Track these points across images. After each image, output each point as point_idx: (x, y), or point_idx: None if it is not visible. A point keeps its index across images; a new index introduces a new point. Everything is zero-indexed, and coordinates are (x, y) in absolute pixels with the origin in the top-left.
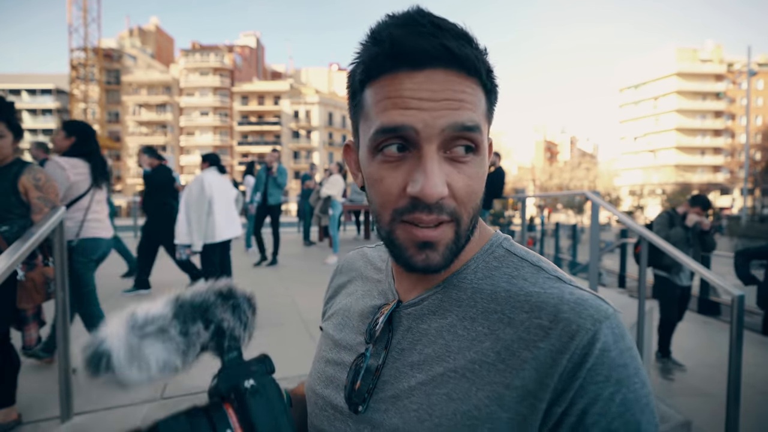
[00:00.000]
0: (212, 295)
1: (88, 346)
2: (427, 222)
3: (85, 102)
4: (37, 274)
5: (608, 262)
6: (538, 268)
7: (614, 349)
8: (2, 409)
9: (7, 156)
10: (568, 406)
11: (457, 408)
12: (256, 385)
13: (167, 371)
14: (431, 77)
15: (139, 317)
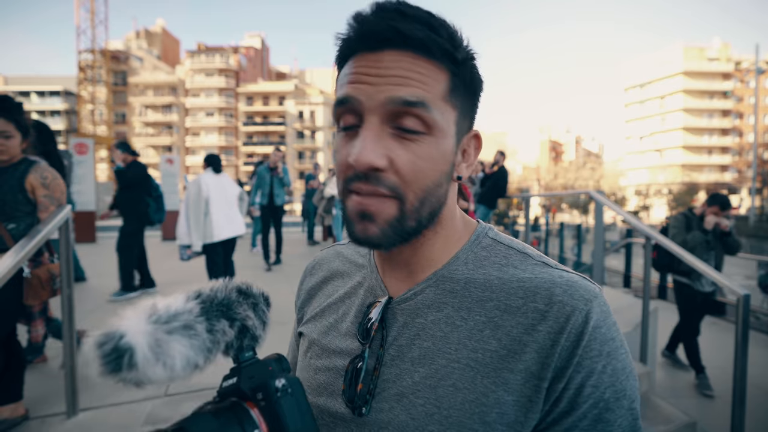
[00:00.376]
0: (234, 293)
1: (104, 341)
2: (365, 191)
3: (93, 103)
4: (43, 271)
5: (613, 262)
6: (525, 255)
7: (603, 324)
8: (10, 405)
9: (15, 155)
10: (567, 381)
11: (465, 397)
12: (287, 384)
13: (189, 370)
14: (384, 57)
15: (162, 312)
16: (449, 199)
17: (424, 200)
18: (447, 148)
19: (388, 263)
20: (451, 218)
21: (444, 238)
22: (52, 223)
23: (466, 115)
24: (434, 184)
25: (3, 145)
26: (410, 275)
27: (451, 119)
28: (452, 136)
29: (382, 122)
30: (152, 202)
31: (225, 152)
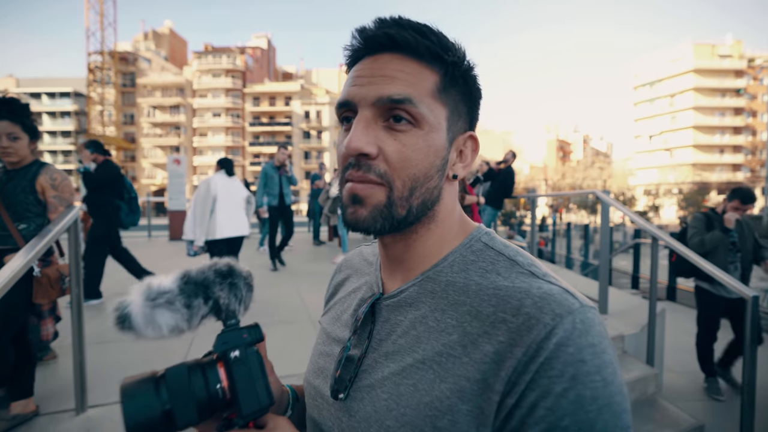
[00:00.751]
0: (212, 274)
1: (116, 308)
2: (356, 178)
3: (102, 104)
4: (52, 271)
5: (622, 262)
6: (513, 263)
7: (572, 344)
8: (21, 401)
9: (24, 157)
10: (519, 398)
11: (421, 399)
12: (239, 356)
13: (176, 332)
14: (378, 60)
15: (152, 290)
16: (446, 196)
17: (413, 189)
18: (436, 142)
19: (387, 261)
20: (448, 217)
21: (439, 236)
22: (62, 223)
23: (461, 116)
24: (422, 174)
25: (11, 147)
26: (405, 273)
27: (441, 115)
28: (443, 131)
29: (374, 116)
30: (124, 205)
31: (232, 152)
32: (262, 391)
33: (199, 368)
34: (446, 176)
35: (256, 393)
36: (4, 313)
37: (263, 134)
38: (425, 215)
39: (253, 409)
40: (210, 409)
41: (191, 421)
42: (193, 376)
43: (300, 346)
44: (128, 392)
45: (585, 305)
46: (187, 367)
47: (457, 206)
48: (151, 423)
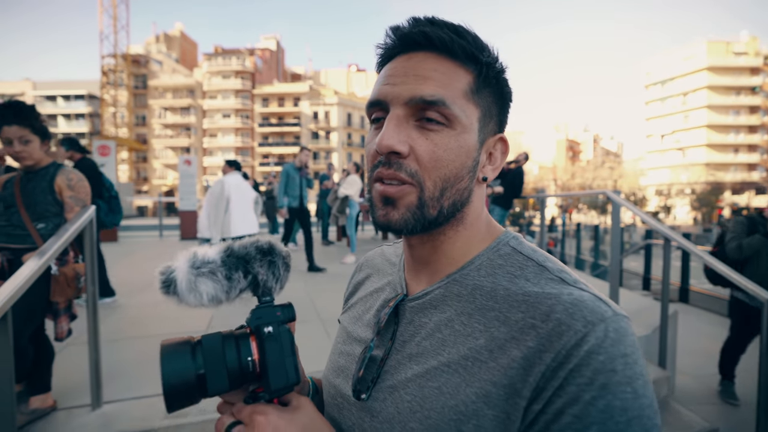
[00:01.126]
0: (254, 250)
1: (163, 272)
2: (386, 176)
3: (115, 106)
4: (68, 269)
5: (633, 263)
6: (542, 268)
7: (604, 353)
8: (40, 395)
9: (39, 159)
10: (545, 404)
11: (446, 402)
12: (272, 332)
13: (215, 302)
14: (413, 58)
15: (197, 258)
16: (475, 199)
17: (443, 190)
18: (468, 143)
19: (412, 262)
20: (476, 220)
21: (466, 239)
22: (78, 223)
23: (492, 118)
24: (453, 175)
25: (24, 150)
26: (430, 275)
27: (473, 116)
28: (474, 132)
29: (406, 115)
30: (103, 204)
31: (241, 153)
32: (291, 369)
33: (232, 339)
34: (476, 178)
35: (285, 370)
36: (23, 310)
37: (272, 135)
38: (454, 217)
39: (280, 385)
40: (240, 380)
41: (222, 388)
42: (226, 345)
43: (308, 345)
44: (167, 354)
45: (618, 314)
46: (222, 336)
47: (484, 209)
48: (186, 385)
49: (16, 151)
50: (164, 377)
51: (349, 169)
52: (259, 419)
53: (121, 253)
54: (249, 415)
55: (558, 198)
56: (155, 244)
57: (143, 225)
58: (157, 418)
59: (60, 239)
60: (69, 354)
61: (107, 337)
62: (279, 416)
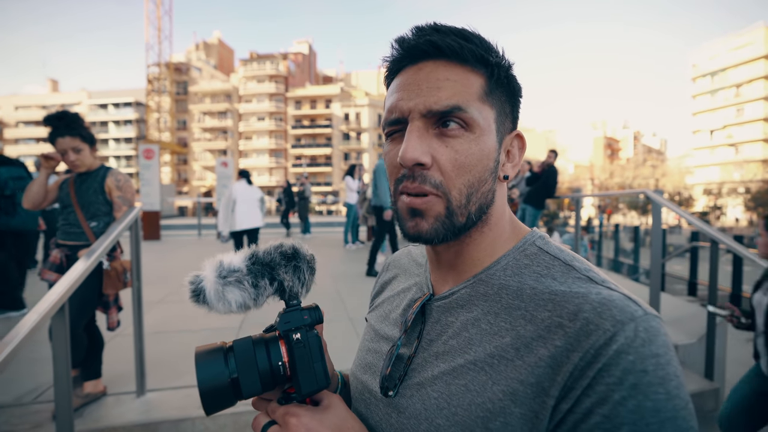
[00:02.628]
0: (278, 256)
1: (192, 281)
2: (411, 189)
3: (158, 112)
4: (117, 264)
5: (677, 267)
6: (570, 267)
7: (633, 353)
8: (92, 381)
9: (90, 165)
10: (574, 403)
11: (473, 399)
12: (301, 339)
13: (243, 309)
14: (423, 68)
15: (223, 267)
16: (498, 199)
17: (469, 196)
18: (488, 145)
19: (437, 263)
20: (499, 220)
21: (491, 239)
22: (125, 222)
23: (507, 116)
24: (477, 179)
25: (77, 159)
26: (456, 275)
27: (490, 117)
28: (493, 133)
29: (425, 125)
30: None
31: (275, 155)
32: (320, 374)
33: (262, 343)
34: (498, 178)
35: (315, 375)
36: (78, 302)
37: (304, 137)
38: (480, 219)
39: (311, 390)
40: (272, 382)
41: (255, 390)
42: (257, 350)
43: (338, 343)
44: (201, 360)
45: (649, 313)
46: (252, 341)
47: (507, 208)
48: (221, 389)
49: (71, 160)
50: (200, 383)
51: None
52: (292, 421)
53: (164, 250)
54: (282, 416)
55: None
56: (194, 243)
57: (184, 224)
58: (194, 408)
59: (109, 237)
60: (118, 344)
61: (152, 330)
62: (311, 417)
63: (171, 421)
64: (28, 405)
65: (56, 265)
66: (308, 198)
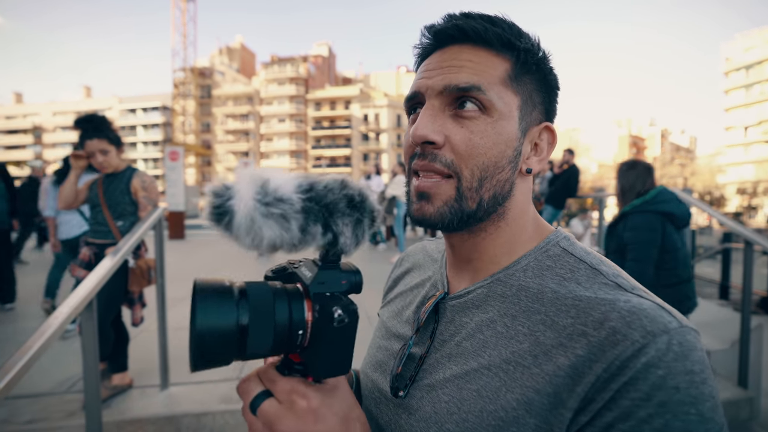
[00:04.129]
0: (342, 200)
1: (218, 193)
2: (421, 168)
3: (184, 115)
4: (142, 262)
5: (708, 269)
6: (596, 272)
7: (664, 368)
8: (119, 374)
9: (117, 166)
10: (593, 417)
11: (485, 406)
12: (343, 316)
13: (273, 250)
14: (447, 51)
15: (269, 191)
16: (518, 193)
17: (482, 180)
18: (507, 130)
19: (454, 259)
20: (520, 216)
21: (509, 236)
22: (149, 221)
23: (535, 106)
24: (492, 164)
25: (105, 160)
26: (472, 273)
27: (512, 103)
28: (514, 120)
29: (441, 105)
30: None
31: (295, 156)
32: (347, 360)
33: (284, 296)
34: (519, 170)
35: (342, 359)
36: (106, 298)
37: (324, 138)
38: (495, 211)
39: (330, 375)
40: (284, 346)
41: (264, 348)
42: (277, 301)
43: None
44: (205, 294)
45: (685, 326)
46: (272, 290)
47: (530, 206)
48: (224, 335)
49: (99, 162)
50: (199, 321)
51: (396, 170)
52: (301, 404)
53: (188, 249)
54: (287, 393)
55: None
56: (216, 242)
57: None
58: (215, 402)
59: (134, 236)
60: (143, 340)
61: (176, 326)
62: (321, 402)
63: (193, 414)
64: (62, 395)
65: (85, 263)
66: None
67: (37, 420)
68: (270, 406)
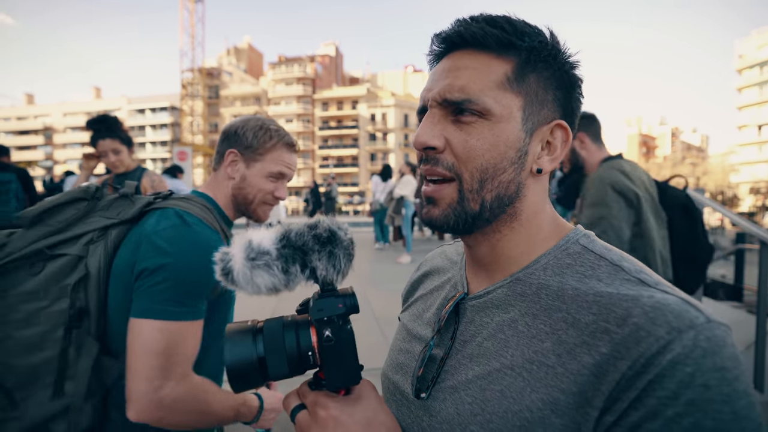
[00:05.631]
0: (311, 240)
1: (222, 259)
2: (425, 171)
3: (192, 115)
4: None
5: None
6: (618, 268)
7: (693, 364)
8: None
9: (128, 165)
10: (619, 416)
11: (509, 407)
12: (332, 337)
13: (274, 292)
14: (450, 58)
15: (253, 248)
16: (530, 194)
17: (482, 181)
18: (507, 132)
19: (472, 261)
20: (533, 216)
21: (525, 236)
22: None
23: (544, 104)
24: (492, 165)
25: (117, 160)
26: (490, 273)
27: (512, 105)
28: (516, 121)
29: (443, 112)
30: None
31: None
32: (351, 371)
33: (293, 326)
34: (528, 170)
35: (344, 371)
36: None
37: (331, 138)
38: (504, 212)
39: (339, 386)
40: (300, 366)
41: (282, 372)
42: (286, 332)
43: (362, 343)
44: (230, 337)
45: (713, 320)
46: (283, 323)
47: (547, 205)
48: (247, 367)
49: (111, 162)
50: (227, 359)
51: (403, 170)
52: (321, 413)
53: None
54: (311, 404)
55: None
56: None
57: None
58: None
59: None
60: None
61: None
62: (341, 410)
63: None
64: None
65: None
66: (335, 198)
67: None
68: (302, 417)
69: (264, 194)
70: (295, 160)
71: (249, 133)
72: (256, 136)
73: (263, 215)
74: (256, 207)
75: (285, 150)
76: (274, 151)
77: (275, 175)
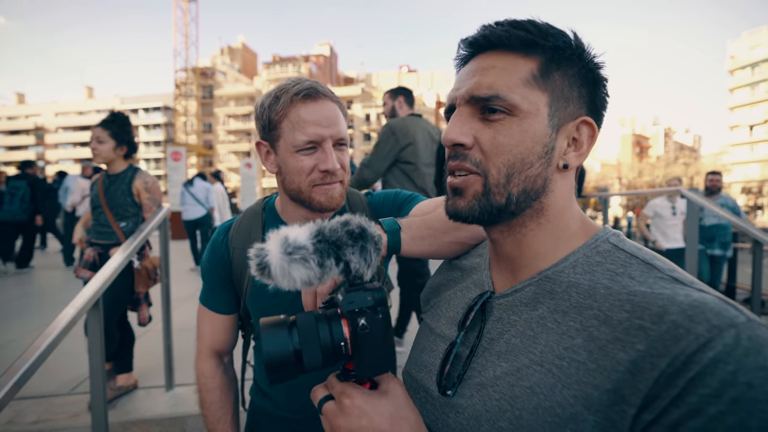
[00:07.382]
0: (345, 235)
1: (257, 254)
2: (453, 167)
3: (185, 115)
4: (148, 263)
5: None
6: (650, 267)
7: (734, 363)
8: (124, 374)
9: (108, 159)
10: (659, 414)
11: (540, 403)
12: (367, 325)
13: (308, 285)
14: (477, 60)
15: (289, 243)
16: (557, 189)
17: (509, 176)
18: (534, 128)
19: (497, 257)
20: (560, 213)
21: (551, 233)
22: (154, 222)
23: (570, 101)
24: (519, 160)
25: (96, 148)
26: (516, 271)
27: (539, 102)
28: (543, 117)
29: (471, 111)
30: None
31: None
32: (385, 358)
33: (325, 319)
34: (554, 166)
35: (378, 359)
36: (111, 298)
37: None
38: (530, 206)
39: (369, 373)
40: (333, 357)
41: (316, 363)
42: (320, 324)
43: None
44: (267, 331)
45: (753, 320)
46: (315, 316)
47: (573, 203)
48: (285, 358)
49: (91, 147)
50: (265, 352)
51: None
52: (346, 402)
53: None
54: (338, 394)
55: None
56: None
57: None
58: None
59: (139, 236)
60: (148, 340)
61: (180, 326)
62: (365, 401)
63: (198, 415)
64: (66, 395)
65: (90, 263)
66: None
67: (43, 420)
68: (328, 406)
69: (305, 175)
70: (327, 111)
71: (262, 113)
72: (265, 112)
73: (325, 200)
74: (310, 194)
75: (301, 105)
76: (289, 116)
77: (303, 146)
